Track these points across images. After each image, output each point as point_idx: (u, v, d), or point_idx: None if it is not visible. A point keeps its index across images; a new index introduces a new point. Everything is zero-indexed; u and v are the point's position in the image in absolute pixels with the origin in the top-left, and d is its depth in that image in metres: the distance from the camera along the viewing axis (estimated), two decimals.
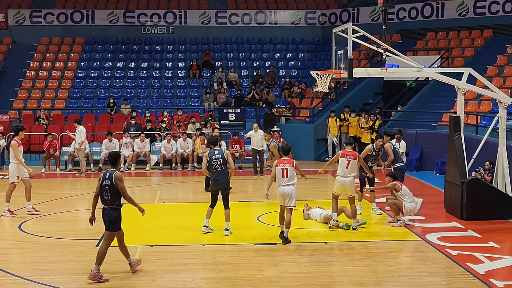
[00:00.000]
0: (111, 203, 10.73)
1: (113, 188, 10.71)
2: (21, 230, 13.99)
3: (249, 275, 10.66)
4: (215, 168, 13.24)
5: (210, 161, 13.28)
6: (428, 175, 21.76)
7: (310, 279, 10.54)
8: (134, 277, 10.57)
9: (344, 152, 14.06)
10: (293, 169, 12.84)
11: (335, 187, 13.93)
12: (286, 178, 12.79)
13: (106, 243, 10.70)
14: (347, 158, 13.82)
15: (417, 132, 23.67)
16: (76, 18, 34.69)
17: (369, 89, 29.40)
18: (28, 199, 15.83)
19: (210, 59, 33.37)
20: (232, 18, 35.36)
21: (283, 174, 12.80)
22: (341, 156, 13.98)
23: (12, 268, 11.05)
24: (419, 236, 13.26)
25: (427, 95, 26.85)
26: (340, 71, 14.76)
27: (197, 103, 30.74)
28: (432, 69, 18.06)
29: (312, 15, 35.62)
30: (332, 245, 12.67)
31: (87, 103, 30.47)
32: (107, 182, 10.75)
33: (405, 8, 32.27)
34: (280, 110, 29.50)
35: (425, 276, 10.61)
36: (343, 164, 13.82)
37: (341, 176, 13.84)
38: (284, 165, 12.85)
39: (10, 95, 30.73)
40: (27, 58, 33.18)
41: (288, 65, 33.76)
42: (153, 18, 35.06)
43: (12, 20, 34.50)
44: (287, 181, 12.79)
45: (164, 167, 24.41)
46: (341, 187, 13.83)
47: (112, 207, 10.73)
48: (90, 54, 34.03)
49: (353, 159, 13.82)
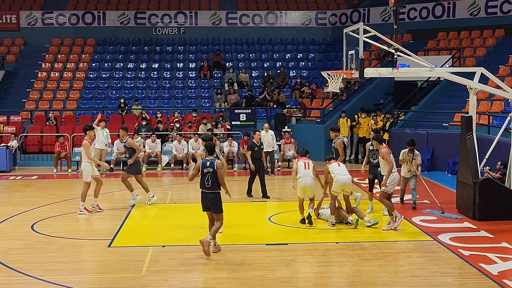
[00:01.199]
0: (211, 188, 11.83)
1: (215, 174, 11.73)
2: (33, 230, 14.04)
3: (260, 275, 10.66)
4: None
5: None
6: (440, 176, 21.67)
7: (322, 279, 10.53)
8: (145, 277, 10.59)
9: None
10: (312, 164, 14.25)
11: (334, 187, 14.01)
12: (308, 169, 14.10)
13: (220, 222, 12.13)
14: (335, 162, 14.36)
15: (428, 133, 23.59)
16: (88, 20, 34.85)
17: (380, 89, 29.35)
18: (95, 196, 16.16)
19: (220, 60, 33.40)
20: (243, 18, 35.40)
21: (305, 167, 14.17)
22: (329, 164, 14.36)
23: (25, 268, 11.09)
24: (431, 237, 13.21)
25: (439, 95, 26.76)
26: (351, 71, 14.73)
27: (208, 104, 30.78)
28: (443, 69, 18.00)
29: (323, 16, 35.60)
30: (344, 245, 12.65)
31: (98, 103, 30.57)
32: (209, 170, 11.81)
33: (416, 8, 32.19)
34: (291, 111, 29.48)
35: (438, 277, 10.57)
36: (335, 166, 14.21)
37: (339, 175, 13.98)
38: (306, 160, 14.36)
39: (22, 96, 30.90)
40: (38, 59, 33.35)
41: (299, 66, 33.75)
42: (164, 19, 35.16)
43: (24, 22, 34.70)
44: (309, 173, 14.09)
45: (175, 167, 24.45)
46: (340, 187, 13.97)
47: (213, 192, 11.88)
48: (101, 55, 34.15)
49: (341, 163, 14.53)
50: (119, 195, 19.27)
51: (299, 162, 14.47)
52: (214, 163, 11.85)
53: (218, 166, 11.83)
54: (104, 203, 17.01)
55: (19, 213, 15.98)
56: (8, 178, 22.74)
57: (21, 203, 17.42)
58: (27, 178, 22.59)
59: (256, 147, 17.65)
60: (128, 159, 16.98)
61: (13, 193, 20.08)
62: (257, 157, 17.63)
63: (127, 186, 16.95)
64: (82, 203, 15.92)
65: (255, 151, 17.66)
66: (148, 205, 16.64)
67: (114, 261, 11.62)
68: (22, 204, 17.18)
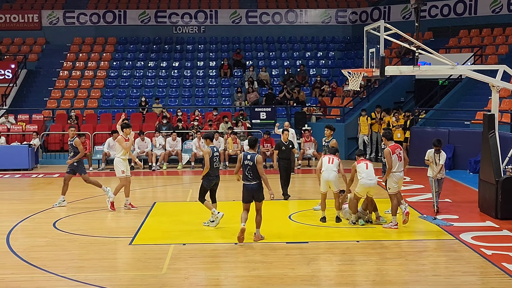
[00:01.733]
0: (252, 179, 12.52)
1: (254, 167, 12.41)
2: (55, 228, 14.15)
3: (281, 273, 10.66)
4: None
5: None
6: (461, 174, 21.53)
7: (343, 277, 10.50)
8: (166, 274, 10.62)
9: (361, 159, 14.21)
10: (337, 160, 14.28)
11: (358, 190, 13.88)
12: (331, 164, 14.14)
13: (260, 211, 12.78)
14: (364, 162, 14.03)
15: (449, 131, 23.43)
16: (108, 19, 35.05)
17: (400, 87, 29.19)
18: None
19: (241, 58, 33.43)
20: (263, 17, 35.40)
21: (329, 161, 14.22)
22: (357, 162, 14.06)
23: (47, 265, 11.17)
24: (453, 236, 13.11)
25: (460, 93, 26.57)
26: (371, 69, 14.66)
27: (228, 102, 30.81)
28: (465, 66, 17.84)
29: (343, 14, 35.50)
30: (365, 244, 12.60)
31: (119, 102, 30.73)
32: (249, 163, 12.48)
33: (437, 6, 31.99)
34: (311, 109, 29.42)
35: (459, 276, 10.50)
36: (362, 167, 13.90)
37: (365, 179, 13.77)
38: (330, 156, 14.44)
39: (44, 94, 31.15)
40: (60, 58, 33.61)
41: (319, 64, 33.69)
42: (184, 17, 35.26)
43: (46, 21, 34.99)
44: (332, 167, 14.12)
45: (195, 165, 24.49)
46: (365, 190, 13.83)
47: (256, 182, 12.54)
48: (122, 54, 34.33)
49: (369, 162, 14.06)
50: (140, 193, 19.36)
51: (324, 157, 14.51)
52: (254, 157, 12.53)
53: (258, 161, 12.51)
54: (123, 202, 17.15)
55: (41, 210, 16.12)
56: (30, 176, 22.94)
57: (43, 201, 17.56)
58: (49, 176, 22.76)
59: (284, 146, 17.43)
60: (70, 159, 16.77)
61: (35, 191, 20.26)
62: (284, 157, 17.42)
63: (93, 184, 16.93)
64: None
65: (282, 150, 17.47)
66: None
67: (135, 259, 11.68)
68: (44, 202, 17.32)
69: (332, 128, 16.31)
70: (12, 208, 16.62)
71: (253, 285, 10.09)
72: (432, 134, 22.97)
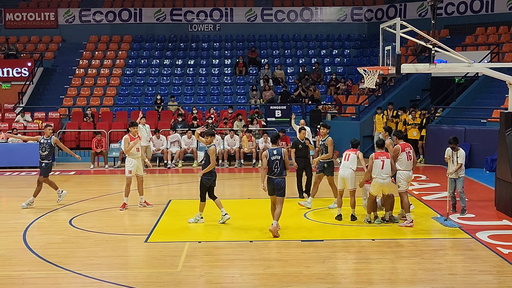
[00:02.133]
0: (279, 174, 12.83)
1: (282, 161, 12.78)
2: (71, 225, 14.21)
3: (296, 271, 10.64)
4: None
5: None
6: (478, 173, 21.41)
7: (358, 276, 10.48)
8: (182, 272, 10.64)
9: (377, 153, 13.83)
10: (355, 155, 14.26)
11: (372, 189, 13.78)
12: (347, 161, 14.21)
13: (281, 206, 13.00)
14: (381, 158, 13.69)
15: (466, 129, 23.30)
16: (124, 17, 35.17)
17: (416, 85, 29.06)
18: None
19: (256, 56, 33.42)
20: (278, 15, 35.38)
21: (345, 158, 14.29)
22: (374, 158, 13.75)
23: (63, 262, 11.23)
24: (469, 234, 13.03)
25: (477, 91, 26.40)
26: (387, 67, 14.61)
27: (243, 100, 30.82)
28: (482, 64, 17.75)
29: (358, 11, 35.41)
30: (380, 242, 12.56)
31: (135, 100, 30.82)
32: (277, 157, 12.84)
33: (453, 3, 31.82)
34: (326, 107, 29.37)
35: (476, 275, 10.44)
36: (378, 165, 13.66)
37: (379, 178, 13.62)
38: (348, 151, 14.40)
39: (60, 92, 31.31)
40: (76, 56, 33.77)
41: (334, 62, 33.62)
42: (199, 15, 35.32)
43: (62, 19, 35.19)
44: (348, 164, 14.15)
45: None
46: (379, 188, 13.72)
47: (281, 177, 12.87)
48: (137, 52, 34.43)
49: (386, 159, 13.68)
50: (155, 191, 19.43)
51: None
52: (281, 151, 12.95)
53: (285, 153, 12.97)
54: (138, 199, 17.22)
55: (58, 208, 16.20)
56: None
57: None
58: (65, 173, 22.87)
59: (300, 144, 17.18)
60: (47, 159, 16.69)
61: (51, 188, 20.33)
62: (301, 155, 17.19)
63: (51, 186, 16.79)
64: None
65: (299, 148, 17.25)
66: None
67: (150, 256, 11.71)
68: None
69: (327, 126, 16.02)
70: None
71: (268, 283, 10.09)
72: (448, 132, 22.86)
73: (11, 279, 10.47)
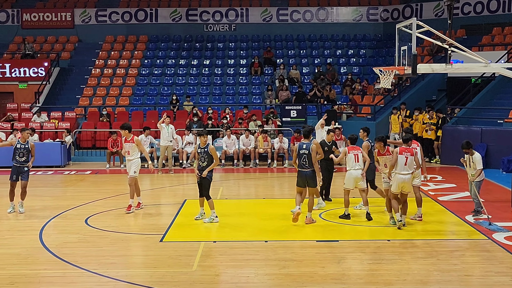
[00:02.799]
0: (308, 166, 13.65)
1: (309, 156, 13.57)
2: (87, 225, 14.27)
3: (311, 271, 10.62)
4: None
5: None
6: (494, 173, 21.25)
7: (373, 276, 10.43)
8: (197, 271, 10.65)
9: (401, 149, 13.55)
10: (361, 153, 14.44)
11: (393, 186, 13.54)
12: (358, 162, 14.35)
13: (312, 197, 13.91)
14: (405, 155, 13.39)
15: (482, 129, 23.16)
16: (140, 17, 35.30)
17: (432, 85, 28.94)
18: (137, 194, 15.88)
19: (271, 56, 33.42)
20: (294, 15, 35.36)
21: (356, 159, 14.37)
22: (399, 153, 13.44)
23: (79, 261, 11.27)
24: (485, 235, 12.94)
25: (493, 91, 26.26)
26: (403, 67, 14.57)
27: (258, 100, 30.83)
28: (499, 64, 17.62)
29: (374, 11, 35.31)
30: (395, 243, 12.50)
31: (150, 100, 30.92)
32: (305, 151, 13.63)
33: (470, 3, 31.66)
34: (341, 107, 29.31)
35: (492, 276, 10.36)
36: (402, 161, 13.40)
37: (400, 174, 13.40)
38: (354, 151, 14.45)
39: (76, 92, 31.49)
40: (92, 56, 33.94)
41: (350, 62, 33.55)
42: (215, 16, 35.38)
43: (79, 19, 35.38)
44: (359, 165, 14.38)
45: (226, 163, 24.55)
46: (399, 185, 13.41)
47: (310, 169, 13.64)
48: (153, 52, 34.54)
49: (410, 156, 13.36)
50: (170, 190, 19.48)
51: (349, 154, 14.43)
52: (309, 146, 13.66)
53: (313, 149, 13.66)
54: (155, 198, 17.25)
55: (73, 207, 16.27)
56: (62, 173, 23.19)
57: (75, 197, 17.74)
58: (80, 173, 23.00)
59: (327, 147, 16.60)
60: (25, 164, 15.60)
61: (67, 187, 20.47)
62: (326, 157, 16.64)
63: (11, 193, 15.72)
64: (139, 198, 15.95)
65: (325, 151, 16.70)
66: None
67: (165, 255, 11.72)
68: (76, 198, 17.50)
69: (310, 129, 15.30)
70: (45, 204, 16.81)
71: (283, 283, 10.07)
72: (465, 132, 22.78)
73: (27, 277, 10.53)
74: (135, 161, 15.74)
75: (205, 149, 14.07)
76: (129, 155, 15.75)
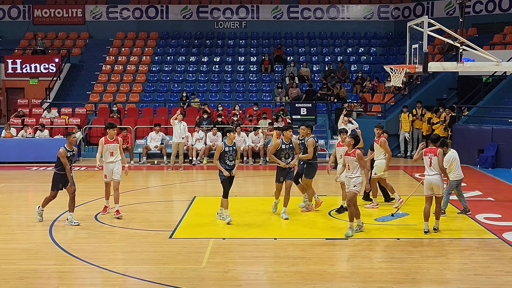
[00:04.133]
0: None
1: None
2: (97, 221, 14.32)
3: (320, 269, 10.62)
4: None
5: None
6: (505, 173, 21.20)
7: (383, 275, 10.41)
8: (206, 268, 10.67)
9: (426, 150, 13.13)
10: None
11: (424, 189, 13.02)
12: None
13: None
14: (429, 156, 12.98)
15: (493, 129, 23.08)
16: (151, 14, 35.35)
17: (443, 84, 28.81)
18: (106, 198, 15.44)
19: (282, 54, 33.39)
20: (304, 12, 35.30)
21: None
22: (424, 154, 13.11)
23: (89, 257, 11.31)
24: (495, 235, 12.91)
25: (504, 90, 26.12)
26: (414, 65, 14.53)
27: (269, 98, 30.81)
28: (510, 63, 17.55)
29: (385, 9, 35.22)
30: (405, 242, 12.48)
31: (161, 96, 30.96)
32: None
33: (482, 1, 31.54)
34: (351, 105, 29.25)
35: (502, 276, 10.33)
36: (426, 162, 13.01)
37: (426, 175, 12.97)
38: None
39: (86, 88, 31.57)
40: (103, 53, 34.01)
41: (360, 60, 33.46)
42: (225, 13, 35.37)
43: (89, 16, 35.45)
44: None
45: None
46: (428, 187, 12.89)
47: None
48: (164, 49, 34.57)
49: (433, 156, 12.88)
50: (180, 187, 19.50)
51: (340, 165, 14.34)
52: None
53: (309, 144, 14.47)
54: (165, 195, 17.25)
55: (83, 203, 16.33)
56: (72, 169, 23.15)
57: (84, 193, 17.76)
58: (90, 169, 23.02)
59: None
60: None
61: (77, 183, 20.28)
62: None
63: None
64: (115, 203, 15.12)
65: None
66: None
67: (175, 252, 11.75)
68: (86, 194, 17.53)
69: (310, 126, 15.30)
70: (55, 200, 16.76)
71: (292, 281, 10.07)
72: (475, 132, 22.71)
73: (37, 273, 10.58)
74: (118, 163, 15.25)
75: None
76: (112, 156, 15.17)
